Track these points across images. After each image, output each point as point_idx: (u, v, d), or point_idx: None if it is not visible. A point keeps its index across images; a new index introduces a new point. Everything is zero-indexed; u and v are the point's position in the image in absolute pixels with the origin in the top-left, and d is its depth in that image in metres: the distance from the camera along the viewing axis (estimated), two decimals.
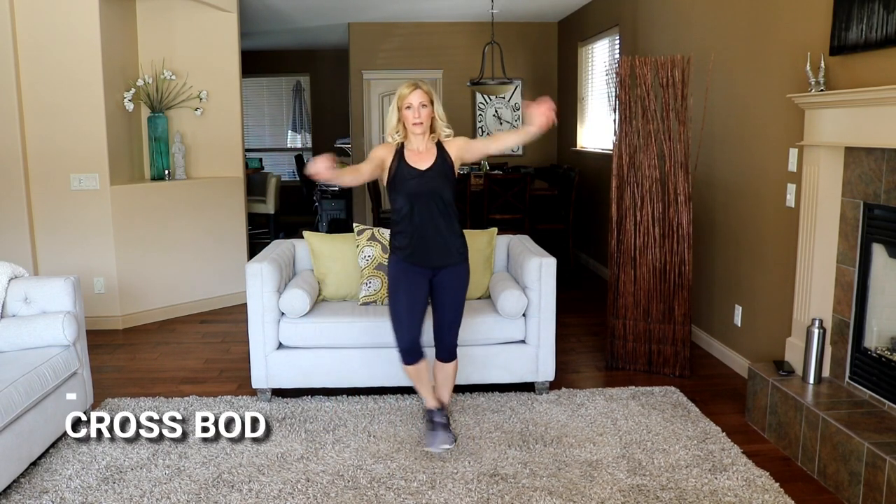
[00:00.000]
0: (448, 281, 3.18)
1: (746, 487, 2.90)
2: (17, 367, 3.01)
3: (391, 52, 8.46)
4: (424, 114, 3.06)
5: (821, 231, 3.34)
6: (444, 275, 3.17)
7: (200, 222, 5.66)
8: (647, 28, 5.63)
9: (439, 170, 3.11)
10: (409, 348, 3.19)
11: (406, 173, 3.09)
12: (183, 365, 4.49)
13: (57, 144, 4.99)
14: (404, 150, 3.14)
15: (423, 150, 3.13)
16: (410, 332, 3.17)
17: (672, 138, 4.12)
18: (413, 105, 3.05)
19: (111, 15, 5.15)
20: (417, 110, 3.05)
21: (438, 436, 3.19)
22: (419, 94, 3.05)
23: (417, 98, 3.04)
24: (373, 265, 3.94)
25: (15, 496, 2.87)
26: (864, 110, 3.00)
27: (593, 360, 4.52)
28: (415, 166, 3.10)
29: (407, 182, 3.09)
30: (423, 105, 3.05)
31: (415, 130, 3.08)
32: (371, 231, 4.01)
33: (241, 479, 3.00)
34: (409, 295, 3.15)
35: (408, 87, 3.06)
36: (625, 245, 4.26)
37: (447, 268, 3.16)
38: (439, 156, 3.13)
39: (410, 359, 3.22)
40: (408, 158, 3.12)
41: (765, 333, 4.00)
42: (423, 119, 3.06)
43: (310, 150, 11.61)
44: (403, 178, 3.10)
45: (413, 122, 3.06)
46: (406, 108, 3.06)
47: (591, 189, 7.04)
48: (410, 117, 3.06)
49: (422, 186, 3.08)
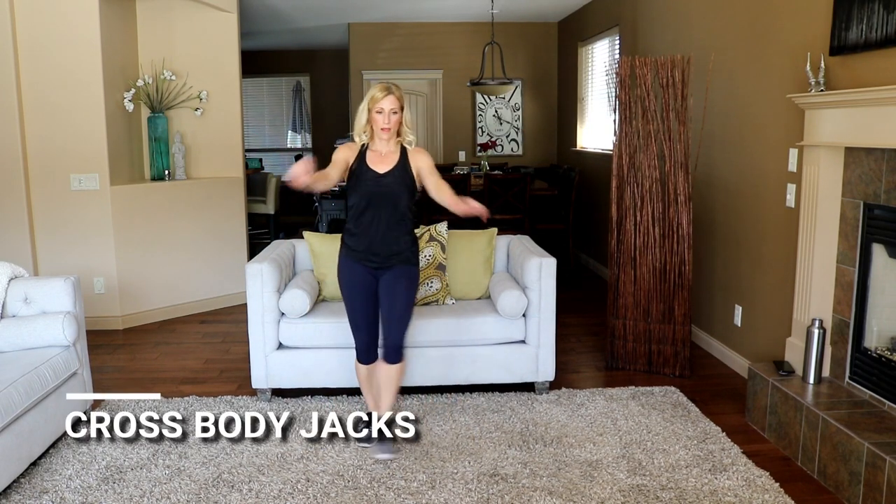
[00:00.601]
0: (394, 279, 3.15)
1: (746, 487, 2.90)
2: (17, 368, 3.01)
3: (391, 52, 8.46)
4: (394, 120, 3.06)
5: (821, 231, 3.34)
6: (391, 273, 3.15)
7: (200, 222, 5.66)
8: (647, 28, 5.63)
9: (399, 176, 3.10)
10: (367, 348, 3.23)
11: (365, 174, 3.10)
12: (183, 365, 4.49)
13: (57, 144, 4.99)
14: (367, 151, 3.14)
15: (385, 152, 3.13)
16: (369, 332, 3.22)
17: (672, 138, 4.12)
18: (384, 110, 3.03)
19: (111, 15, 5.15)
20: (388, 116, 3.04)
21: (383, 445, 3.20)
22: (391, 101, 3.03)
23: (389, 104, 3.03)
24: None
25: (15, 496, 2.87)
26: (864, 110, 3.00)
27: (593, 360, 4.52)
28: (374, 168, 3.10)
29: (364, 182, 3.09)
30: (393, 112, 3.04)
31: (382, 136, 3.08)
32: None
33: (241, 479, 3.00)
34: (361, 298, 3.17)
35: (381, 91, 3.03)
36: (625, 245, 4.26)
37: (393, 268, 3.15)
38: (400, 162, 3.12)
39: (367, 358, 3.25)
40: (369, 160, 3.12)
41: (765, 333, 4.00)
42: (392, 125, 3.06)
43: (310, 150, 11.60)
44: (361, 178, 3.10)
45: (381, 128, 3.05)
46: (377, 111, 3.04)
47: (591, 189, 7.04)
48: (380, 121, 3.05)
49: (378, 189, 3.08)
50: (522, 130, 8.74)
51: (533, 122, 8.73)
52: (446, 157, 8.52)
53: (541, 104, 8.68)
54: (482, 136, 8.64)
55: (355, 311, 3.20)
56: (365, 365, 3.27)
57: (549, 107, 8.67)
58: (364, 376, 3.31)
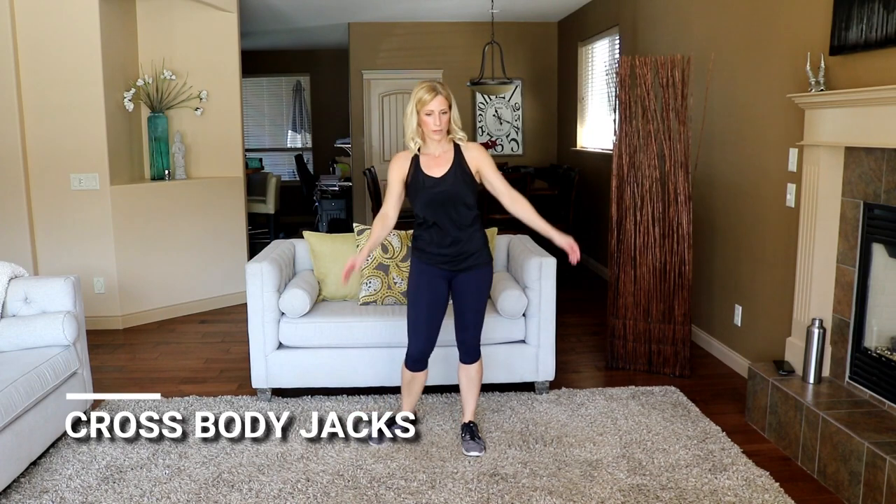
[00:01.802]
0: (469, 284, 3.12)
1: (746, 487, 2.90)
2: (17, 367, 3.01)
3: (391, 52, 8.46)
4: (444, 120, 2.96)
5: (821, 231, 3.34)
6: (466, 277, 3.12)
7: (200, 222, 5.66)
8: (647, 28, 5.63)
9: (456, 175, 3.03)
10: (420, 357, 3.19)
11: (423, 182, 3.03)
12: (183, 365, 4.49)
13: (57, 144, 4.99)
14: (420, 157, 3.06)
15: (439, 154, 3.05)
16: (427, 342, 3.17)
17: (672, 138, 4.12)
18: (434, 112, 2.94)
19: (111, 15, 5.15)
20: (438, 117, 2.94)
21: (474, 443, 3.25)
22: (440, 101, 2.93)
23: (438, 105, 2.93)
24: (373, 265, 3.94)
25: (15, 496, 2.87)
26: (864, 110, 3.00)
27: (593, 360, 4.52)
28: (430, 174, 3.02)
29: (424, 191, 3.02)
30: (443, 112, 2.95)
31: (434, 137, 2.99)
32: (370, 231, 4.01)
33: (241, 478, 3.00)
34: (430, 304, 3.12)
35: (428, 93, 2.93)
36: (625, 245, 4.26)
37: (468, 271, 3.11)
38: (456, 161, 3.04)
39: (416, 366, 3.21)
40: (424, 166, 3.04)
41: (765, 333, 4.00)
42: (443, 126, 2.97)
43: (310, 150, 11.60)
44: (421, 186, 3.03)
45: (433, 129, 2.96)
46: (426, 114, 2.95)
47: (591, 189, 7.04)
48: (431, 124, 2.95)
49: (438, 195, 3.01)
50: (522, 130, 8.74)
51: (533, 121, 8.73)
52: None
53: (541, 104, 8.68)
54: (482, 135, 8.64)
55: (418, 317, 3.14)
56: (413, 373, 3.23)
57: (549, 107, 8.67)
58: (408, 380, 3.27)
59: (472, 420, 3.34)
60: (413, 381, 3.27)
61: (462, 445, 3.28)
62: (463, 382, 3.31)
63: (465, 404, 3.34)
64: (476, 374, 3.28)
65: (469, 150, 3.08)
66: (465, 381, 3.30)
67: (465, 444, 3.26)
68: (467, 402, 3.33)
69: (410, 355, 3.19)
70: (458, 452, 3.22)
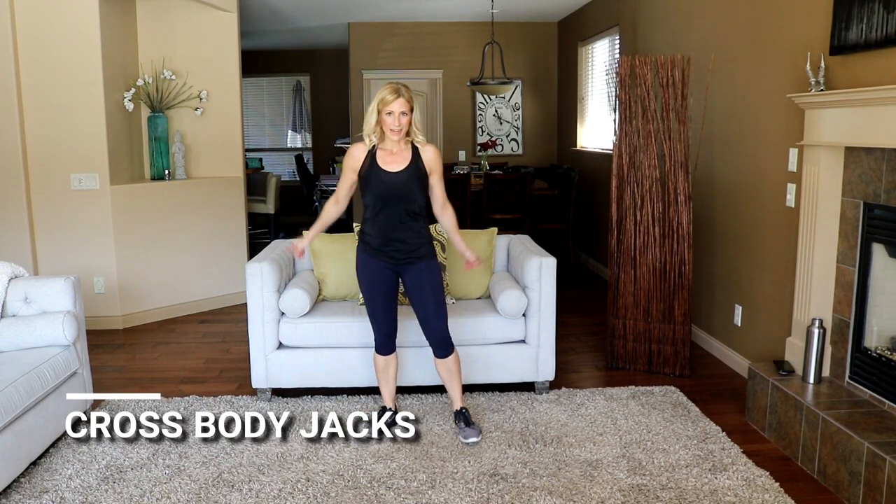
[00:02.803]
0: (420, 278, 3.23)
1: (746, 487, 2.90)
2: (17, 367, 3.01)
3: (391, 52, 8.46)
4: (404, 121, 3.09)
5: (821, 231, 3.34)
6: (415, 272, 3.22)
7: (200, 222, 5.66)
8: (647, 28, 5.63)
9: (412, 173, 3.15)
10: (387, 339, 3.33)
11: (377, 174, 3.14)
12: (183, 365, 4.49)
13: (57, 144, 4.99)
14: (377, 152, 3.17)
15: (396, 151, 3.16)
16: (388, 323, 3.31)
17: (672, 138, 4.12)
18: (394, 112, 3.06)
19: (111, 15, 5.15)
20: (398, 118, 3.07)
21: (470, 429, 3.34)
22: (401, 103, 3.06)
23: (399, 106, 3.06)
24: None
25: (15, 496, 2.87)
26: (864, 110, 3.00)
27: (593, 360, 4.52)
28: (386, 168, 3.14)
29: (377, 183, 3.14)
30: (403, 113, 3.07)
31: (392, 137, 3.11)
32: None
33: (241, 478, 3.00)
34: (380, 291, 3.25)
35: (391, 94, 3.05)
36: (625, 245, 4.26)
37: (415, 265, 3.21)
38: (413, 160, 3.16)
39: (386, 349, 3.34)
40: (380, 160, 3.15)
41: (765, 333, 4.00)
42: (402, 126, 3.09)
43: (310, 149, 11.60)
44: (374, 178, 3.14)
45: (392, 129, 3.08)
46: (387, 113, 3.07)
47: (591, 189, 7.04)
48: (390, 123, 3.08)
49: (392, 189, 3.13)
50: (522, 130, 8.74)
51: (533, 121, 8.73)
52: (446, 156, 8.52)
53: (541, 104, 8.68)
54: (482, 135, 8.64)
55: (374, 304, 3.27)
56: (384, 356, 3.35)
57: (549, 106, 8.67)
58: (381, 368, 3.39)
59: (463, 406, 3.43)
60: (387, 366, 3.37)
61: (459, 434, 3.35)
62: (443, 375, 3.41)
63: (452, 394, 3.44)
64: (454, 365, 3.38)
65: (426, 151, 3.21)
66: (444, 374, 3.40)
67: (462, 431, 3.34)
68: (453, 391, 3.43)
69: (378, 340, 3.33)
70: (458, 452, 3.22)
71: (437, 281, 3.27)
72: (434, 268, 3.26)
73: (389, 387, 3.44)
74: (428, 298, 3.24)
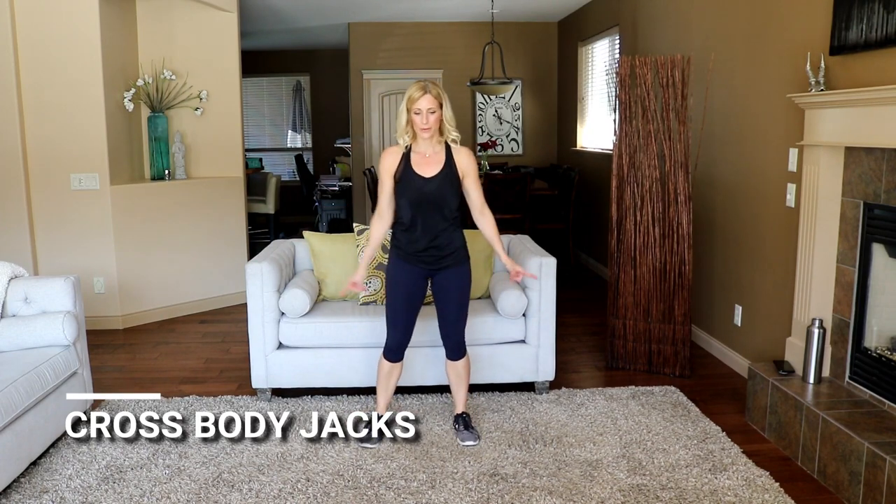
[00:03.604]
0: (449, 281, 3.19)
1: (746, 487, 2.90)
2: (17, 367, 3.01)
3: (391, 52, 8.46)
4: (433, 119, 3.02)
5: (821, 231, 3.34)
6: (445, 275, 3.18)
7: (200, 222, 5.66)
8: (647, 28, 5.63)
9: (446, 177, 3.09)
10: (399, 348, 3.27)
11: (411, 179, 3.08)
12: (183, 365, 4.49)
13: (57, 144, 4.99)
14: (411, 154, 3.11)
15: (431, 153, 3.11)
16: (405, 333, 3.25)
17: (672, 138, 4.12)
18: (422, 110, 3.00)
19: (111, 15, 5.15)
20: (426, 116, 3.01)
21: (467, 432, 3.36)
22: (428, 100, 3.00)
23: (426, 104, 3.00)
24: (373, 265, 3.94)
25: (15, 496, 2.87)
26: (864, 110, 3.00)
27: (593, 360, 4.52)
28: (420, 173, 3.08)
29: (411, 189, 3.08)
30: (431, 111, 3.01)
31: (423, 135, 3.06)
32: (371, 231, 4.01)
33: (241, 479, 3.00)
34: (407, 296, 3.20)
35: (418, 91, 3.00)
36: (625, 245, 4.26)
37: (447, 269, 3.17)
38: (447, 163, 3.10)
39: (396, 357, 3.29)
40: (414, 164, 3.09)
41: (765, 333, 4.00)
42: (432, 124, 3.03)
43: (310, 150, 11.60)
44: (408, 184, 3.09)
45: (422, 128, 3.03)
46: (415, 112, 3.02)
47: (591, 189, 7.04)
48: (419, 122, 3.02)
49: (426, 195, 3.07)
50: (522, 130, 8.74)
51: (533, 121, 8.73)
52: None
53: (541, 104, 8.68)
54: (482, 135, 8.64)
55: (396, 310, 3.22)
56: (391, 363, 3.31)
57: (549, 107, 8.67)
58: (386, 373, 3.34)
59: (465, 411, 3.44)
60: (391, 373, 3.34)
61: (457, 436, 3.36)
62: (452, 378, 3.41)
63: (456, 397, 3.45)
64: (464, 370, 3.38)
65: (460, 154, 3.14)
66: (453, 376, 3.40)
67: (460, 434, 3.36)
68: (458, 395, 3.44)
69: (389, 347, 3.28)
70: (458, 452, 3.22)
71: (466, 286, 3.23)
72: (465, 273, 3.21)
73: (388, 394, 3.39)
74: (452, 302, 3.22)
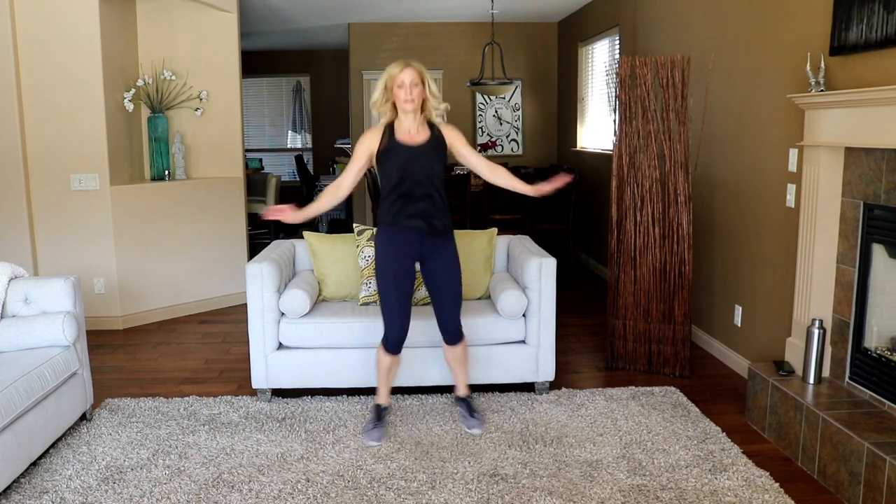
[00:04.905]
0: (440, 264, 3.20)
1: (746, 487, 2.90)
2: (17, 368, 3.01)
3: (391, 52, 8.46)
4: (416, 92, 3.02)
5: (821, 231, 3.34)
6: (434, 259, 3.19)
7: (200, 222, 5.66)
8: (647, 28, 5.63)
9: (432, 144, 3.09)
10: (400, 339, 3.27)
11: (397, 148, 3.07)
12: (183, 365, 4.49)
13: (57, 144, 4.99)
14: (395, 130, 3.11)
15: (415, 131, 3.10)
16: (403, 321, 3.23)
17: (672, 138, 4.12)
18: (405, 84, 3.00)
19: (111, 15, 5.15)
20: (409, 89, 3.00)
21: (375, 433, 3.32)
22: (410, 72, 3.00)
23: (409, 76, 3.00)
24: (373, 265, 3.94)
25: (15, 496, 2.87)
26: (864, 110, 3.00)
27: (593, 360, 4.52)
28: (407, 143, 3.08)
29: (398, 157, 3.06)
30: (414, 84, 3.01)
31: (406, 108, 3.04)
32: (371, 231, 4.01)
33: (241, 479, 3.00)
34: (395, 277, 3.17)
35: (398, 66, 3.01)
36: (625, 245, 4.26)
37: (435, 255, 3.17)
38: (433, 136, 3.12)
39: (396, 348, 3.28)
40: (398, 135, 3.09)
41: (765, 333, 4.00)
42: (415, 97, 3.02)
43: (310, 150, 11.61)
44: (394, 152, 3.07)
45: (405, 100, 3.01)
46: (398, 86, 3.01)
47: (591, 189, 7.05)
48: (402, 96, 3.01)
49: (414, 159, 3.06)
50: (522, 130, 8.74)
51: (533, 122, 8.73)
52: None
53: (541, 104, 8.68)
54: (482, 136, 8.64)
55: (389, 300, 3.18)
56: (391, 356, 3.30)
57: (549, 107, 8.67)
58: (386, 366, 3.35)
59: (468, 394, 3.48)
60: (392, 365, 3.35)
61: (463, 424, 3.41)
62: (451, 362, 3.46)
63: (458, 380, 3.50)
64: (462, 353, 3.42)
65: (444, 128, 3.17)
66: (452, 360, 3.44)
67: (466, 421, 3.41)
68: (458, 377, 3.48)
69: (390, 340, 3.25)
70: (458, 453, 3.22)
71: (455, 267, 3.23)
72: (452, 254, 3.22)
73: (389, 384, 3.45)
74: (447, 285, 3.23)
